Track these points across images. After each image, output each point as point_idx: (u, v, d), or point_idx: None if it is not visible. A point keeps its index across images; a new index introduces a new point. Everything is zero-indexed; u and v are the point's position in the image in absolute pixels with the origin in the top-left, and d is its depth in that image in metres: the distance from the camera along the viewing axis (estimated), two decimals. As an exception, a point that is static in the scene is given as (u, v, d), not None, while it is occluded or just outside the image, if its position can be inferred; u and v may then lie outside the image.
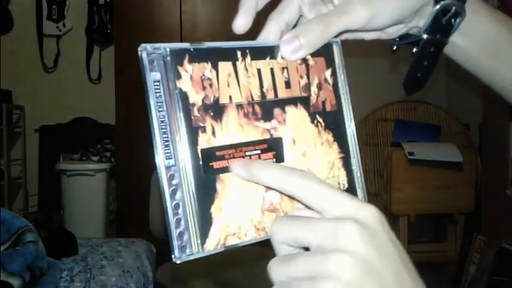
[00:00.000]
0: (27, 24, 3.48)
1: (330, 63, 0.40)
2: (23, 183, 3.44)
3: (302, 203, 0.32)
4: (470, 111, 3.12)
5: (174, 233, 0.32)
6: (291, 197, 0.34)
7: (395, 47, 0.44)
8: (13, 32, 3.49)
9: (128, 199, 2.98)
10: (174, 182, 0.32)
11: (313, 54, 0.38)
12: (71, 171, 3.06)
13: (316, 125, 0.38)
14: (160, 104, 0.32)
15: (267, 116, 0.36)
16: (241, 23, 0.40)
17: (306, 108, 0.38)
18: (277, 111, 0.37)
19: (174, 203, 0.32)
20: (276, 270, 0.31)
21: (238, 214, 0.35)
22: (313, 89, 0.39)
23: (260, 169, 0.33)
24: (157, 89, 0.33)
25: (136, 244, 1.93)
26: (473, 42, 0.42)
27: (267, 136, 0.36)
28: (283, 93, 0.38)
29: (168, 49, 0.34)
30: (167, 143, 0.32)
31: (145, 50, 0.35)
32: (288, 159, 0.37)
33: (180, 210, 0.32)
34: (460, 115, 3.25)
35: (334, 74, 0.40)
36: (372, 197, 3.13)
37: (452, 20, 0.40)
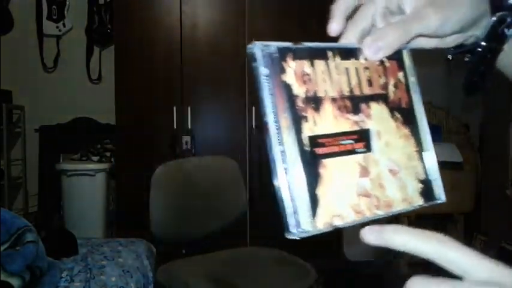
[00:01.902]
0: (27, 24, 3.48)
1: (401, 66, 0.44)
2: (23, 183, 3.44)
3: (441, 266, 0.35)
4: (470, 112, 3.12)
5: (289, 212, 0.36)
6: (381, 184, 0.39)
7: (450, 56, 0.49)
8: (13, 32, 3.49)
9: (128, 199, 2.98)
10: (285, 166, 0.36)
11: (388, 58, 0.43)
12: (71, 171, 3.06)
13: (395, 120, 0.43)
14: (271, 96, 0.36)
15: (356, 109, 0.41)
16: (335, 27, 0.45)
17: (386, 104, 0.43)
18: (363, 106, 0.41)
19: (286, 186, 0.36)
20: None
21: (339, 197, 0.38)
22: (390, 87, 0.43)
23: (392, 236, 0.35)
24: (267, 82, 0.36)
25: (136, 244, 1.92)
26: None
27: (357, 128, 0.40)
28: (366, 90, 0.42)
29: (276, 47, 0.37)
30: (278, 131, 0.36)
31: (257, 47, 0.37)
32: (375, 149, 0.41)
33: (292, 192, 0.36)
34: (460, 115, 3.25)
35: (405, 76, 0.45)
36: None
37: (506, 30, 0.44)
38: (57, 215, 3.19)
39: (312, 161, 0.37)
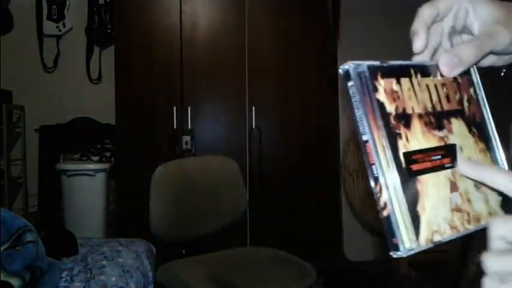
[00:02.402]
0: (27, 24, 3.48)
1: (471, 82, 0.46)
2: (23, 183, 3.44)
3: None
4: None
5: (393, 230, 0.36)
6: (469, 199, 0.40)
7: (503, 72, 0.51)
8: (13, 32, 3.49)
9: (128, 199, 2.98)
10: (385, 184, 0.37)
11: (460, 75, 0.44)
12: (71, 171, 3.06)
13: (473, 135, 0.44)
14: (366, 114, 0.37)
15: (439, 125, 0.42)
16: (421, 44, 0.45)
17: (463, 119, 0.44)
18: (445, 121, 0.42)
19: (390, 207, 0.37)
20: (492, 262, 0.34)
21: (436, 213, 0.39)
22: (465, 103, 0.44)
23: (486, 171, 0.39)
24: (355, 100, 0.37)
25: (136, 244, 1.93)
26: None
27: (442, 143, 0.41)
28: (446, 106, 0.43)
29: (366, 65, 0.39)
30: (375, 149, 0.37)
31: (351, 67, 0.39)
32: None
33: (394, 210, 0.36)
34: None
35: (475, 92, 0.46)
36: (372, 197, 3.12)
37: None
38: (57, 215, 3.18)
39: (409, 178, 0.38)
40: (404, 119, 0.39)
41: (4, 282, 1.24)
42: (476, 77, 0.46)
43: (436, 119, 0.42)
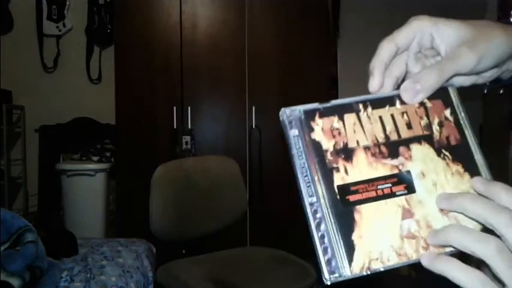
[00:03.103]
0: (27, 24, 3.48)
1: (448, 103, 0.44)
2: (23, 183, 3.44)
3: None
4: (470, 111, 3.12)
5: (323, 260, 0.38)
6: (429, 225, 0.39)
7: (486, 90, 0.50)
8: (13, 32, 3.49)
9: (128, 199, 2.98)
10: (318, 215, 0.39)
11: (430, 98, 0.43)
12: (71, 171, 3.06)
13: (444, 158, 0.42)
14: (300, 153, 0.40)
15: (393, 153, 0.41)
16: (376, 84, 0.45)
17: (431, 144, 0.43)
18: (402, 149, 0.42)
19: (320, 234, 0.39)
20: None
21: (378, 241, 0.39)
22: (435, 127, 0.43)
23: (442, 265, 0.37)
24: (295, 142, 0.41)
25: (136, 244, 1.92)
26: None
27: (396, 171, 0.41)
28: (405, 134, 0.43)
29: (302, 110, 0.42)
30: (308, 184, 0.39)
31: (285, 113, 0.43)
32: (419, 190, 0.41)
33: (326, 240, 0.38)
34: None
35: (453, 113, 0.44)
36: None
37: None
38: (57, 215, 3.19)
39: (344, 209, 0.39)
40: (345, 153, 0.40)
41: (4, 282, 1.24)
42: (455, 98, 0.45)
43: (390, 149, 0.41)
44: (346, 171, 0.40)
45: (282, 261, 1.97)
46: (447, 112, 0.44)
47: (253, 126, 3.03)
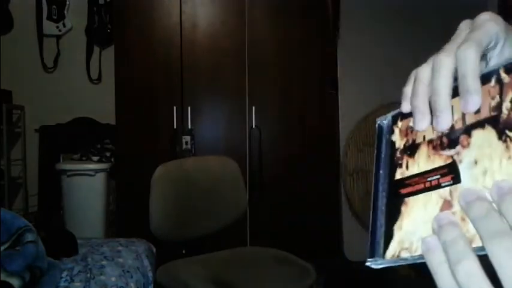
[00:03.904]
0: (27, 24, 3.48)
1: None
2: (23, 183, 3.44)
3: None
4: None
5: (369, 243, 0.41)
6: (464, 218, 0.37)
7: None
8: (13, 32, 3.49)
9: (128, 199, 2.98)
10: (378, 204, 0.43)
11: (507, 72, 0.38)
12: (71, 171, 3.06)
13: (505, 141, 0.38)
14: (379, 154, 0.44)
15: (453, 144, 0.40)
16: (448, 121, 0.40)
17: (495, 126, 0.39)
18: (462, 137, 0.40)
19: (373, 220, 0.42)
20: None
21: (413, 232, 0.40)
22: (506, 105, 0.39)
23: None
24: (380, 146, 0.44)
25: (136, 244, 1.92)
26: None
27: (449, 161, 0.40)
28: (471, 119, 0.40)
29: (390, 116, 0.45)
30: (377, 180, 0.44)
31: (381, 121, 0.45)
32: (465, 179, 0.39)
33: (376, 226, 0.42)
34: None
35: None
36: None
37: None
38: (57, 215, 3.19)
39: (396, 200, 0.41)
40: (411, 149, 0.42)
41: (4, 282, 1.24)
42: None
43: (451, 139, 0.40)
44: (407, 166, 0.42)
45: (282, 261, 1.97)
46: None
47: (253, 126, 3.03)
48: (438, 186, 0.39)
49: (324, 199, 3.13)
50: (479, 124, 0.39)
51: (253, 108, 3.01)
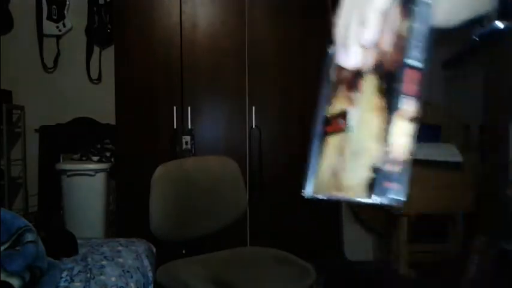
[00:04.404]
0: (27, 24, 3.48)
1: (411, 13, 0.36)
2: (23, 183, 3.44)
3: None
4: (470, 112, 3.12)
5: (305, 177, 0.43)
6: (343, 167, 0.40)
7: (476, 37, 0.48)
8: (13, 32, 3.49)
9: (128, 199, 2.98)
10: (315, 141, 0.44)
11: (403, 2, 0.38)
12: (71, 171, 3.06)
13: (379, 90, 0.39)
14: (325, 89, 0.45)
15: (354, 86, 0.42)
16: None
17: (379, 72, 0.39)
18: (360, 82, 0.41)
19: (310, 155, 0.44)
20: None
21: (324, 173, 0.43)
22: (388, 46, 0.40)
23: None
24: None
25: (136, 244, 1.92)
26: None
27: (351, 106, 0.41)
28: (371, 61, 0.42)
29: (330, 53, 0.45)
30: (320, 116, 0.45)
31: (331, 50, 0.44)
32: (353, 127, 0.40)
33: (310, 162, 0.44)
34: (460, 116, 3.25)
35: (411, 27, 0.37)
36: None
37: None
38: (57, 215, 3.18)
39: (322, 138, 0.43)
40: (334, 87, 0.43)
41: (4, 282, 1.24)
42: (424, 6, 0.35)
43: (355, 80, 0.40)
44: (332, 104, 0.42)
45: (282, 261, 1.97)
46: (405, 25, 0.36)
47: (253, 126, 3.03)
48: (342, 130, 0.40)
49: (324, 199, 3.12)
50: (373, 68, 0.39)
51: (253, 108, 3.01)
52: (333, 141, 0.41)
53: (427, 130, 3.19)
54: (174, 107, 2.98)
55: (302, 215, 3.05)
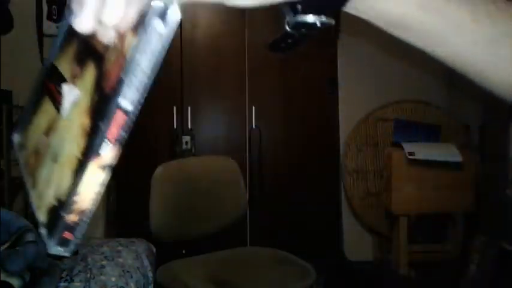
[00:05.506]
0: (27, 24, 3.48)
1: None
2: (23, 183, 3.44)
3: None
4: (470, 112, 3.12)
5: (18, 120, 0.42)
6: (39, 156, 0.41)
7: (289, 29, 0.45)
8: (13, 32, 3.49)
9: (128, 199, 2.98)
10: None
11: None
12: (71, 171, 3.06)
13: (89, 102, 0.39)
14: None
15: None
16: None
17: (97, 69, 0.37)
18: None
19: None
20: None
21: None
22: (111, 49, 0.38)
23: None
24: None
25: (136, 244, 1.92)
26: None
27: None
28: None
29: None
30: None
31: None
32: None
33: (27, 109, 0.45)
34: (460, 115, 3.25)
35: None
36: (372, 197, 3.12)
37: None
38: (57, 215, 3.18)
39: (42, 90, 0.42)
40: None
41: (4, 282, 1.24)
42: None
43: (81, 57, 0.37)
44: (64, 58, 0.40)
45: (282, 261, 1.97)
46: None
47: (253, 126, 3.03)
48: (57, 101, 0.39)
49: (324, 199, 3.13)
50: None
51: (253, 108, 3.01)
52: (45, 111, 0.33)
53: (427, 130, 3.19)
54: (174, 107, 2.98)
55: (302, 215, 3.05)
